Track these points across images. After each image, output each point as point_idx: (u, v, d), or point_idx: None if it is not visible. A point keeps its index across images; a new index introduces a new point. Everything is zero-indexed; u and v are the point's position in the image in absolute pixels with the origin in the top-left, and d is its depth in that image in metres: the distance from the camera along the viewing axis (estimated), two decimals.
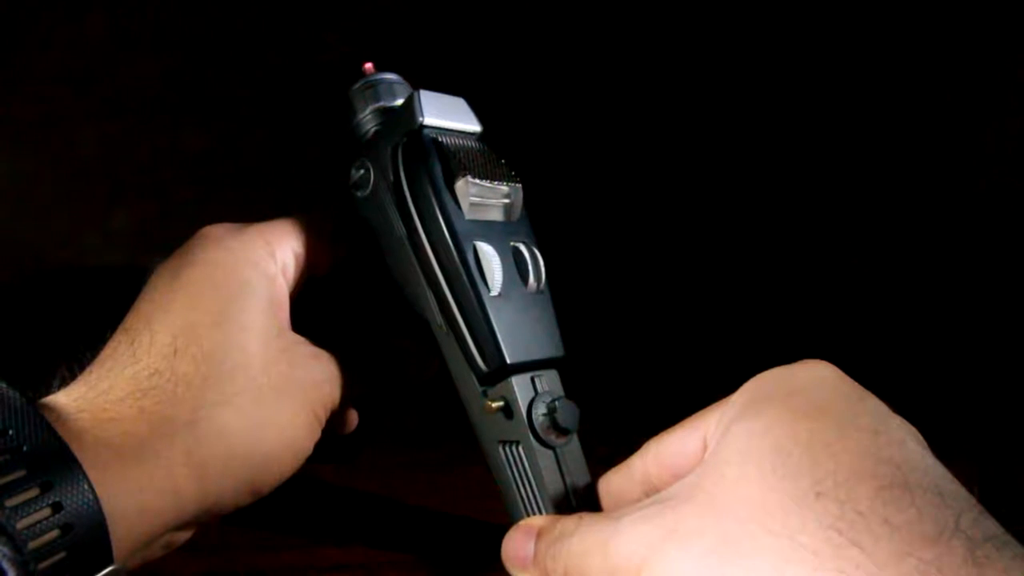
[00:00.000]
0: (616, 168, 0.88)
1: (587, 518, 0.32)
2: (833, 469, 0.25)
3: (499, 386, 0.37)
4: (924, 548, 0.23)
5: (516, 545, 0.33)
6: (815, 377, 0.29)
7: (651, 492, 0.33)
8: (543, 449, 0.36)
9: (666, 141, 0.88)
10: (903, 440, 0.26)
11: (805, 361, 0.31)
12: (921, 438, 0.28)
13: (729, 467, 0.27)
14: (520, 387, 0.37)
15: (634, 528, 0.28)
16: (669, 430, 0.33)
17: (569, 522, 0.32)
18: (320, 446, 0.38)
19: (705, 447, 0.31)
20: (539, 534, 0.33)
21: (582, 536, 0.31)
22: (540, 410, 0.36)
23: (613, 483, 0.35)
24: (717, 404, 0.31)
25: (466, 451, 0.40)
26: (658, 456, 0.33)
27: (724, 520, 0.26)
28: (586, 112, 0.87)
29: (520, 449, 0.36)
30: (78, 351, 0.36)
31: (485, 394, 0.37)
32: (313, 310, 0.41)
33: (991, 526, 0.24)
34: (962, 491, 0.25)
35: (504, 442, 0.37)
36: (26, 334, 0.63)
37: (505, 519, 0.38)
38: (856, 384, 0.30)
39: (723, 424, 0.30)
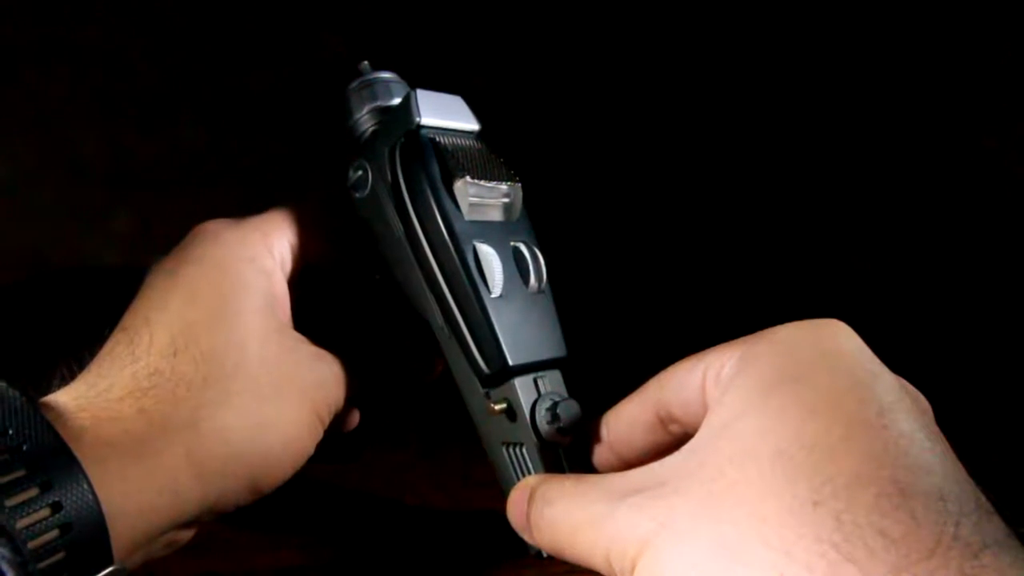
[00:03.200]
0: (616, 166, 0.88)
1: (573, 484, 0.31)
2: (834, 475, 0.24)
3: (502, 388, 0.37)
4: (919, 562, 0.22)
5: (514, 504, 0.33)
6: (829, 350, 0.28)
7: (663, 415, 0.32)
8: (547, 450, 0.36)
9: (667, 139, 0.88)
10: (912, 434, 0.26)
11: (819, 323, 0.29)
12: (931, 421, 0.27)
13: (730, 466, 0.26)
14: (523, 388, 0.37)
15: (629, 518, 0.28)
16: (674, 365, 0.32)
17: (553, 486, 0.32)
18: (321, 446, 0.38)
19: (704, 387, 0.30)
20: (530, 494, 0.32)
21: (570, 506, 0.30)
22: (543, 411, 0.36)
23: (625, 411, 0.34)
24: (722, 348, 0.30)
25: (468, 451, 0.39)
26: (663, 386, 0.32)
27: (721, 523, 0.25)
28: (586, 110, 0.87)
29: (524, 450, 0.36)
30: (77, 350, 0.36)
31: (488, 396, 0.37)
32: (315, 310, 0.41)
33: (993, 530, 0.23)
34: (967, 490, 0.24)
35: (508, 443, 0.37)
36: (26, 334, 0.63)
37: (508, 520, 0.38)
38: (870, 357, 0.28)
39: (723, 382, 0.29)
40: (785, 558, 0.24)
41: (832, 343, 0.28)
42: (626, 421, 0.34)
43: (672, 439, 0.33)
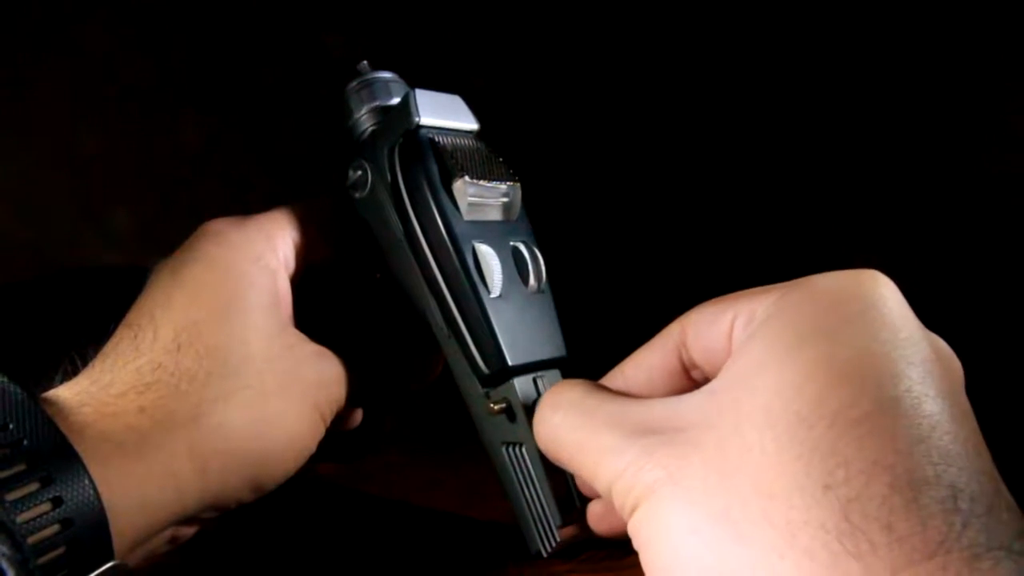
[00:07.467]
0: (616, 166, 0.88)
1: (583, 395, 0.31)
2: (850, 457, 0.24)
3: (501, 388, 0.37)
4: (919, 563, 0.22)
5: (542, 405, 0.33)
6: (869, 305, 0.27)
7: (686, 360, 0.32)
8: None
9: (666, 139, 0.88)
10: (938, 416, 0.25)
11: (861, 274, 0.28)
12: (960, 391, 0.26)
13: (748, 424, 0.26)
14: (522, 388, 0.37)
15: (640, 461, 0.27)
16: (700, 306, 0.31)
17: (565, 391, 0.32)
18: (324, 445, 0.38)
19: (731, 331, 0.29)
20: (549, 394, 0.33)
21: (577, 423, 0.30)
22: None
23: (646, 358, 0.33)
24: (755, 292, 0.29)
25: (469, 451, 0.40)
26: (687, 329, 0.31)
27: (729, 490, 0.25)
28: (585, 110, 0.87)
29: (523, 450, 0.36)
30: (81, 346, 0.36)
31: (487, 396, 0.37)
32: (316, 310, 0.41)
33: (1002, 532, 0.23)
34: (984, 484, 0.24)
35: (507, 443, 0.37)
36: (27, 334, 0.63)
37: (508, 520, 0.38)
38: (910, 317, 0.27)
39: (751, 329, 0.28)
40: (788, 540, 0.23)
41: (873, 297, 0.27)
42: (646, 368, 0.33)
43: (694, 387, 0.31)
